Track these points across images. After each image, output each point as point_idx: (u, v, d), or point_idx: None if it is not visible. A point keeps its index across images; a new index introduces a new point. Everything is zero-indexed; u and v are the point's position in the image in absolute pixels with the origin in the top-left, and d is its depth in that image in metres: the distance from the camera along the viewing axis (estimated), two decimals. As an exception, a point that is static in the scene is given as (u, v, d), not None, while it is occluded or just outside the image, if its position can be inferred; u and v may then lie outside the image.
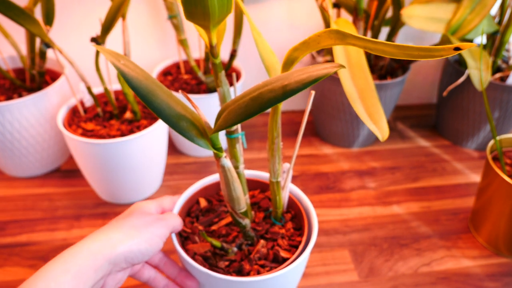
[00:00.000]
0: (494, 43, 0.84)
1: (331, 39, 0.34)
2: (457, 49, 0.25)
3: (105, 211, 0.76)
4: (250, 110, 0.32)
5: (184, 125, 0.39)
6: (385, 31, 0.88)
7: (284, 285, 0.50)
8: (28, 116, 0.75)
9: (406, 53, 0.29)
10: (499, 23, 0.83)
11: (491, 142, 0.69)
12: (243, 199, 0.48)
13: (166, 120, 0.37)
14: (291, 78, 0.29)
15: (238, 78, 0.88)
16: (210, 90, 0.85)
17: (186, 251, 0.50)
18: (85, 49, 0.89)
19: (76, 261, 0.34)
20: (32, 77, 0.81)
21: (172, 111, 0.38)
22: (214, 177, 0.59)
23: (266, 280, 0.45)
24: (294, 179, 0.85)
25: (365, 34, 0.82)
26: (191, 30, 0.89)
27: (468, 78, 0.84)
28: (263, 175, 0.60)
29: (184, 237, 0.53)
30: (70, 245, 0.37)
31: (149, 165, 0.75)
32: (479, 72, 0.70)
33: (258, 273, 0.48)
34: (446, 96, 0.94)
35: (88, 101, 0.79)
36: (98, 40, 0.65)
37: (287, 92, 0.29)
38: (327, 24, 0.83)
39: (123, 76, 0.34)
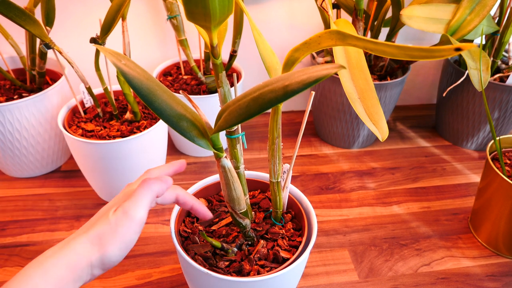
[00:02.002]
0: (493, 44, 0.85)
1: (332, 40, 0.34)
2: (458, 49, 0.25)
3: (105, 211, 0.76)
4: (251, 110, 0.32)
5: (184, 125, 0.39)
6: (384, 31, 0.89)
7: (284, 285, 0.50)
8: (29, 116, 0.75)
9: (406, 53, 0.29)
10: (499, 23, 0.83)
11: (491, 143, 0.69)
12: (243, 200, 0.48)
13: (167, 121, 0.37)
14: (292, 79, 0.30)
15: (238, 78, 0.88)
16: (210, 90, 0.85)
17: (186, 251, 0.50)
18: (85, 50, 0.89)
19: (56, 272, 0.35)
20: (32, 77, 0.82)
21: (173, 111, 0.38)
22: (214, 178, 0.59)
23: (266, 280, 0.45)
24: (294, 180, 0.85)
25: (364, 35, 0.82)
26: (191, 31, 0.89)
27: (468, 78, 0.84)
28: (263, 175, 0.61)
29: (184, 237, 0.53)
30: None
31: (149, 166, 0.75)
32: (478, 72, 0.70)
33: (258, 273, 0.48)
34: (446, 96, 0.94)
35: (88, 102, 0.79)
36: (98, 41, 0.65)
37: (288, 93, 0.29)
38: (326, 24, 0.83)
39: (124, 76, 0.34)
